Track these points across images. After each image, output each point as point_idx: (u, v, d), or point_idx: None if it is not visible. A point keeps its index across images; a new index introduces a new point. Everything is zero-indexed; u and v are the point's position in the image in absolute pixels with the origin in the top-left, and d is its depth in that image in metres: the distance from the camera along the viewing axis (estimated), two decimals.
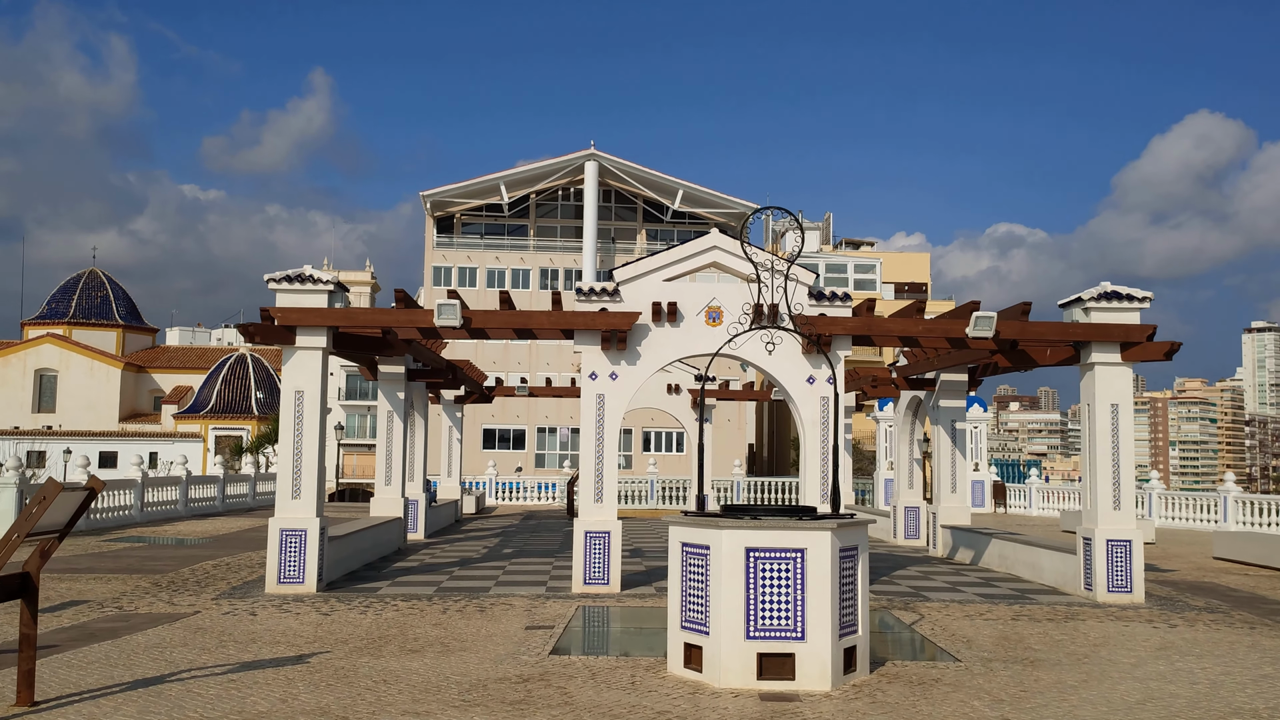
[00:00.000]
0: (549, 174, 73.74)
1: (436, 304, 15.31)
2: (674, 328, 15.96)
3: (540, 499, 42.20)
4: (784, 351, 15.90)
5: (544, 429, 72.36)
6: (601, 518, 15.70)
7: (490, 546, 23.16)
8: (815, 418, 15.86)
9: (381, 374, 22.47)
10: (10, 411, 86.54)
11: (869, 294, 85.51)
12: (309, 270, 15.57)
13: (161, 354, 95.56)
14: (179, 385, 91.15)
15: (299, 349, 15.56)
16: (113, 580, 16.33)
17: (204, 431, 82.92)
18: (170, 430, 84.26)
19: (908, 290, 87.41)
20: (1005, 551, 19.31)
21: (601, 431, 15.78)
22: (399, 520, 22.04)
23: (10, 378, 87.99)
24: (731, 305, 15.97)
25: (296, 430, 15.50)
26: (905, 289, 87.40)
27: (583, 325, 15.61)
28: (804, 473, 15.96)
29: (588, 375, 15.89)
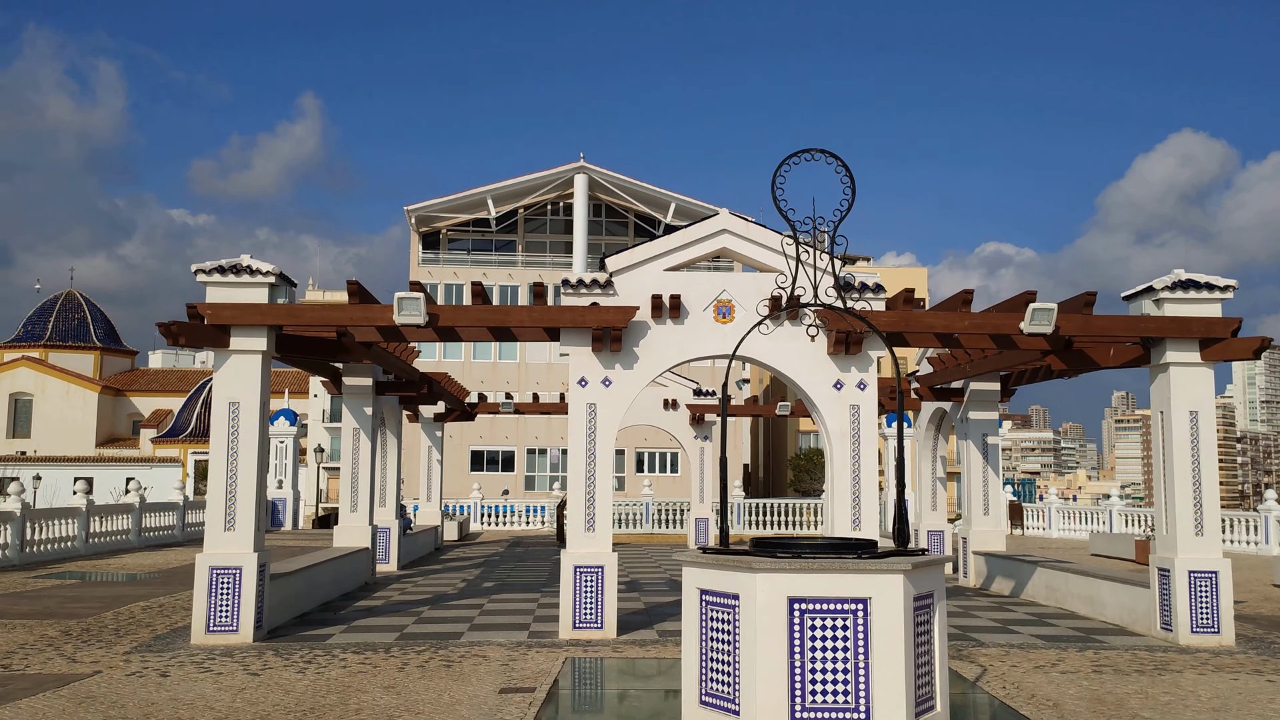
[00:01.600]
0: (538, 187, 71.55)
1: (397, 297, 12.93)
2: (677, 325, 13.60)
3: (529, 524, 39.70)
4: (806, 352, 13.55)
5: (534, 450, 69.88)
6: (594, 549, 13.28)
7: (469, 579, 20.69)
8: (844, 429, 13.48)
9: (346, 387, 20.05)
10: None
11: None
12: (246, 260, 13.18)
13: (140, 377, 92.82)
14: (158, 409, 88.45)
15: (234, 353, 13.15)
16: (17, 628, 13.83)
17: (183, 456, 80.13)
18: (148, 455, 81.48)
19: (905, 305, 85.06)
20: (1054, 582, 16.91)
21: (593, 448, 13.38)
22: (365, 551, 19.56)
23: None
24: (745, 298, 13.62)
25: (230, 449, 13.06)
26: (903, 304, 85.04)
27: (570, 322, 13.24)
28: (831, 495, 13.58)
29: (576, 382, 13.50)
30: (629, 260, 13.57)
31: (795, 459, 75.25)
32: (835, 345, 13.28)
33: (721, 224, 13.65)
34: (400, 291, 12.90)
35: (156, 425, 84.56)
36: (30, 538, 23.38)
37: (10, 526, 22.57)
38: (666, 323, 13.57)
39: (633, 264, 13.59)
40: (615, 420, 13.46)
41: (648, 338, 13.55)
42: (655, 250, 13.61)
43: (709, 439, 31.48)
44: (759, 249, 13.65)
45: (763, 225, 13.63)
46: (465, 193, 70.81)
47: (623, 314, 13.13)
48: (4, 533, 22.43)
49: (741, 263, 14.04)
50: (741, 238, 13.65)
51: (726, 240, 13.66)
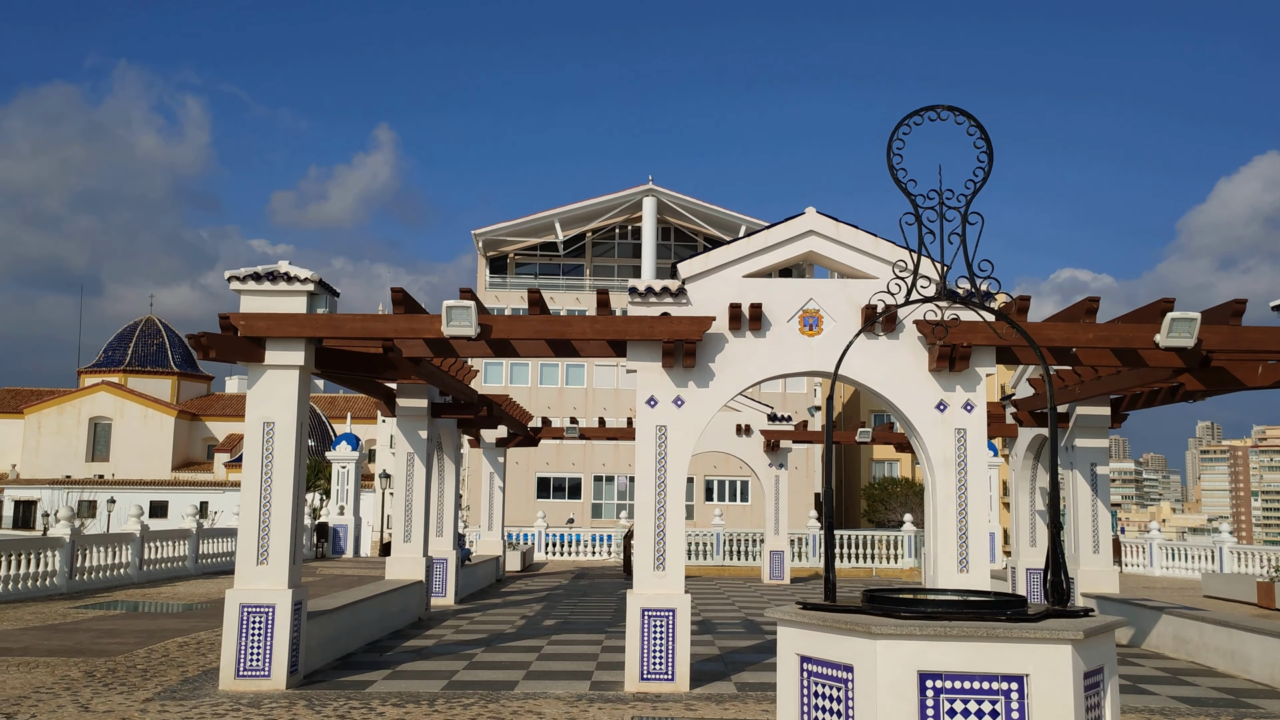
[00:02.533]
0: (605, 210, 70.63)
1: (445, 306, 11.64)
2: (758, 338, 12.10)
3: (594, 553, 38.26)
4: (904, 369, 11.95)
5: (601, 477, 68.57)
6: (664, 590, 11.78)
7: (529, 616, 19.29)
8: (948, 456, 11.83)
9: (400, 409, 18.86)
10: (65, 460, 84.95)
11: None
12: (283, 266, 12.03)
13: (215, 401, 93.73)
14: (233, 433, 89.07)
15: (269, 368, 11.97)
16: (39, 668, 12.74)
17: None
18: (221, 479, 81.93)
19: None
20: (1184, 632, 14.95)
21: (663, 475, 11.91)
22: (418, 585, 18.27)
23: (66, 426, 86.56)
24: (834, 307, 12.08)
25: (264, 474, 11.85)
26: None
27: (637, 334, 11.82)
28: (933, 532, 11.91)
29: (644, 401, 12.07)
30: (703, 266, 12.13)
31: (868, 488, 72.87)
32: (939, 361, 11.66)
33: (808, 224, 12.15)
34: (450, 300, 11.62)
35: (230, 449, 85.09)
36: (80, 565, 22.57)
37: (59, 553, 21.77)
38: (746, 335, 12.08)
39: (707, 270, 12.15)
40: (688, 444, 11.98)
41: (724, 352, 12.08)
42: (733, 254, 12.16)
43: (784, 467, 29.79)
44: (850, 252, 12.12)
45: (854, 226, 12.11)
46: (532, 216, 70.18)
47: (697, 325, 11.68)
48: (51, 560, 21.63)
49: (829, 269, 12.52)
50: (831, 240, 12.13)
51: (813, 243, 12.16)
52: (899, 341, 12.01)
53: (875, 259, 12.09)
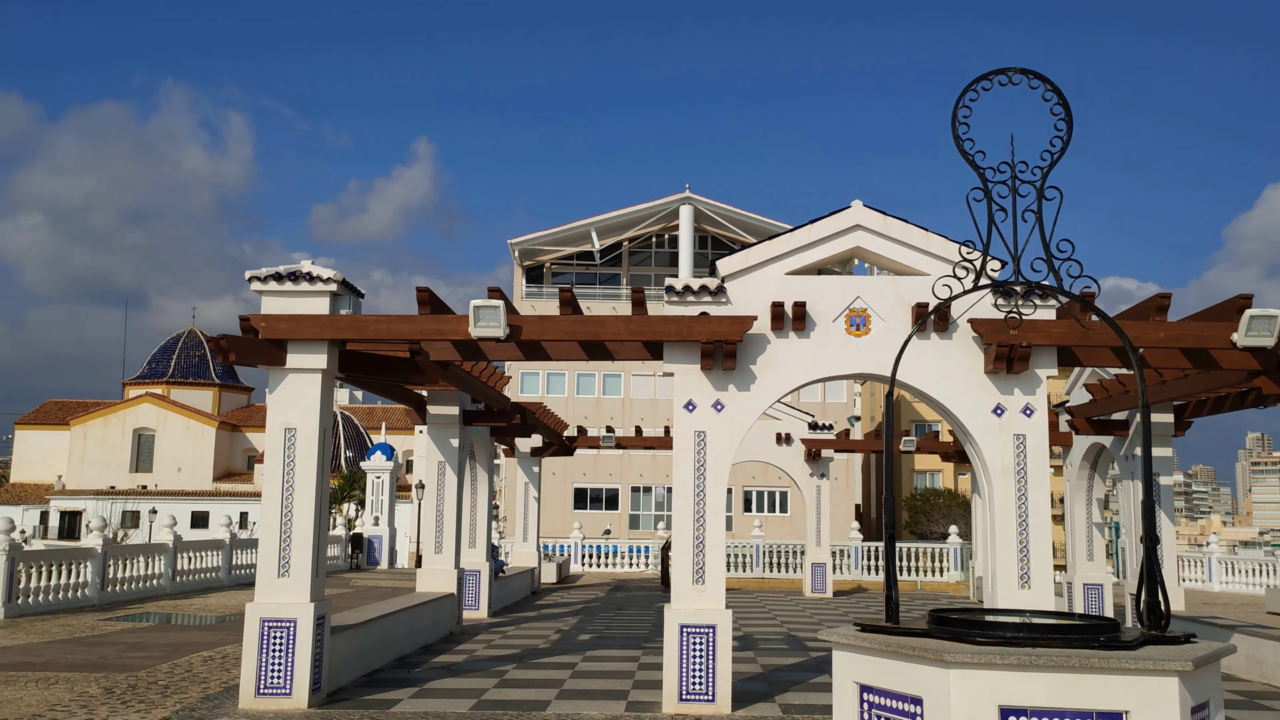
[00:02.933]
0: (642, 219, 70.11)
1: (473, 306, 11.10)
2: (801, 338, 11.44)
3: (631, 565, 37.60)
4: (958, 371, 11.24)
5: (638, 488, 67.92)
6: (703, 605, 11.13)
7: (564, 630, 18.69)
8: (1007, 464, 11.09)
9: (431, 416, 18.37)
10: (109, 471, 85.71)
11: None
12: (305, 265, 11.55)
13: (256, 413, 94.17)
14: None
15: (290, 371, 11.49)
16: (59, 683, 12.32)
17: None
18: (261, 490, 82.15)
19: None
20: (1259, 652, 14.05)
21: (702, 484, 11.28)
22: (449, 598, 17.73)
23: (110, 437, 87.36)
24: (882, 305, 11.40)
25: (285, 483, 11.36)
26: None
27: (675, 335, 11.20)
28: (989, 546, 11.17)
29: (682, 406, 11.45)
30: (744, 262, 11.50)
31: (910, 499, 71.61)
32: (995, 362, 10.93)
33: (855, 218, 11.48)
34: (477, 299, 11.07)
35: None
36: (112, 576, 22.28)
37: (90, 564, 21.49)
38: (789, 336, 11.43)
39: (748, 267, 11.52)
40: (728, 451, 11.34)
41: (766, 354, 11.43)
42: (775, 250, 11.51)
43: (826, 476, 29.00)
44: (899, 248, 11.44)
45: (903, 220, 11.43)
46: (569, 225, 69.83)
47: (737, 325, 11.05)
48: (83, 571, 21.35)
49: (876, 265, 11.84)
50: (879, 235, 11.46)
51: (860, 238, 11.49)
52: (952, 342, 11.30)
53: (926, 255, 11.40)
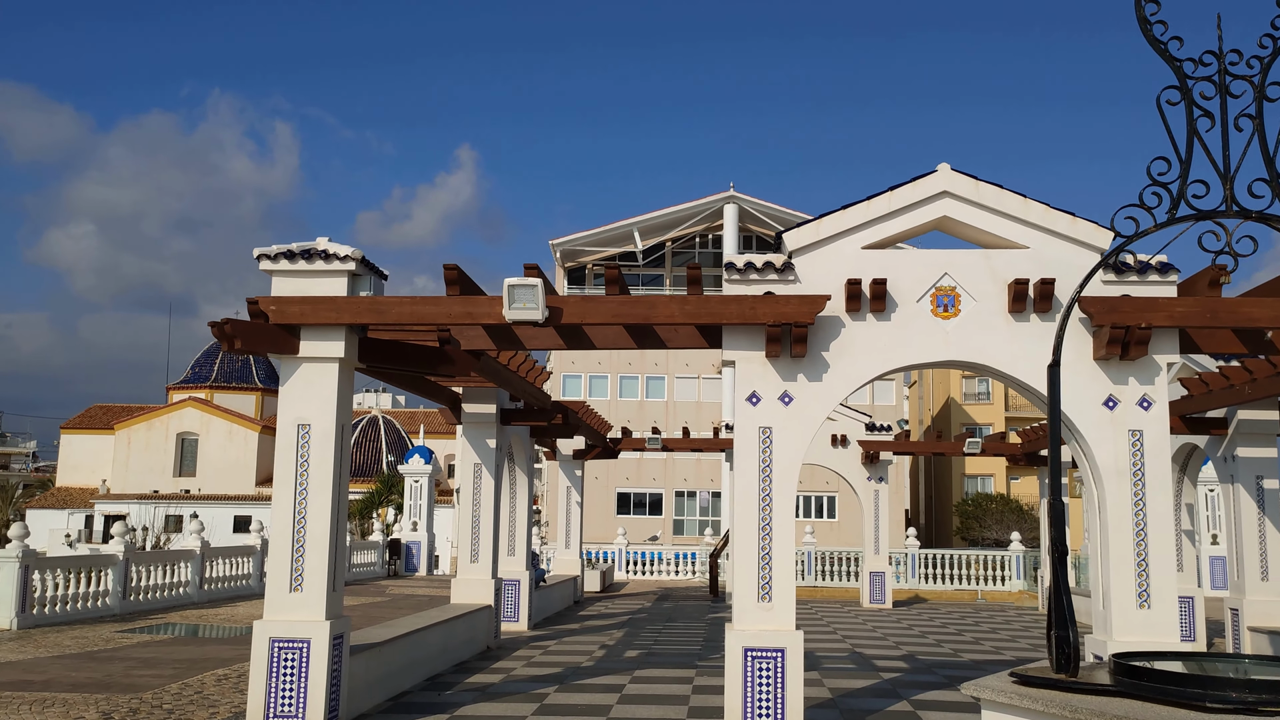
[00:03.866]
0: (685, 219, 68.72)
1: (507, 285, 9.82)
2: (881, 321, 10.03)
3: (678, 572, 36.21)
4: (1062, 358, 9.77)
5: (682, 493, 66.54)
6: (770, 625, 9.75)
7: (609, 645, 17.35)
8: (1121, 464, 9.60)
9: (466, 415, 17.15)
10: (153, 475, 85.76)
11: None
12: (321, 243, 10.34)
13: None
14: None
15: (304, 360, 10.28)
16: (53, 706, 11.18)
17: None
18: None
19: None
20: None
21: (768, 487, 9.90)
22: (486, 610, 16.48)
23: (154, 441, 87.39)
24: (974, 283, 9.97)
25: (299, 485, 10.14)
26: None
27: (736, 317, 9.84)
28: (1101, 559, 9.69)
29: (745, 399, 10.08)
30: (814, 235, 10.11)
31: (961, 504, 69.52)
32: (1109, 347, 9.44)
33: (942, 183, 10.05)
34: (512, 277, 9.79)
35: None
36: (135, 584, 21.30)
37: (111, 572, 20.51)
38: (866, 318, 10.03)
39: (819, 240, 10.13)
40: (798, 449, 9.96)
41: (840, 339, 10.03)
42: (849, 221, 10.12)
43: (884, 480, 27.46)
44: (993, 218, 10.00)
45: (997, 185, 9.98)
46: (611, 225, 68.63)
47: (809, 305, 9.67)
48: (104, 579, 20.38)
49: (966, 239, 10.40)
50: (969, 203, 10.03)
51: (947, 207, 10.06)
52: (1055, 325, 9.83)
53: (1025, 225, 9.95)
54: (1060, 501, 5.74)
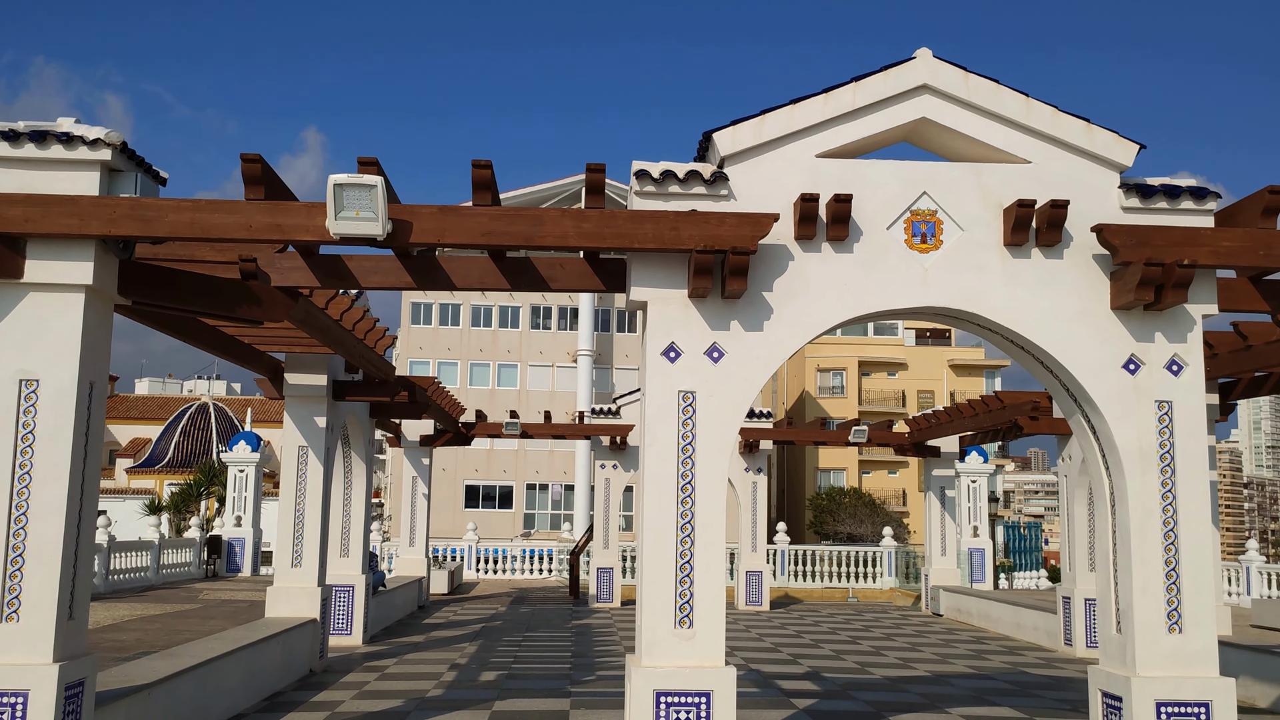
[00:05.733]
0: (549, 198, 65.67)
1: (332, 183, 6.91)
2: (841, 253, 7.57)
3: (532, 571, 33.37)
4: (1069, 306, 7.54)
5: (534, 485, 63.75)
6: (692, 661, 7.17)
7: (460, 664, 14.49)
8: (1146, 445, 7.43)
9: (290, 386, 14.02)
10: None
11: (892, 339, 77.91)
12: (64, 124, 7.21)
13: (119, 404, 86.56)
14: (136, 437, 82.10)
15: (31, 288, 7.13)
16: None
17: (159, 487, 73.71)
18: (123, 486, 75.00)
19: (930, 337, 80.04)
20: None
21: (690, 471, 7.33)
22: (310, 625, 13.39)
23: None
24: (960, 205, 7.63)
25: (17, 469, 6.99)
26: (928, 335, 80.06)
27: (652, 241, 7.21)
28: (1119, 565, 7.51)
29: (659, 353, 7.46)
30: (755, 136, 7.57)
31: (815, 498, 68.97)
32: (1137, 290, 7.21)
33: (922, 75, 7.65)
34: (341, 174, 6.89)
35: (134, 455, 78.32)
36: None
37: None
38: (822, 249, 7.55)
39: (762, 143, 7.59)
40: (731, 422, 7.41)
41: (789, 276, 7.53)
42: (802, 120, 7.61)
43: (763, 471, 25.39)
44: (986, 122, 7.68)
45: (993, 80, 7.66)
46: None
47: (751, 227, 7.12)
48: None
49: (950, 152, 8.05)
50: (956, 102, 7.67)
51: (928, 107, 7.67)
52: (1063, 263, 7.58)
53: (1025, 133, 7.67)
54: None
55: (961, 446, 24.43)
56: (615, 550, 24.48)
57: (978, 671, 14.64)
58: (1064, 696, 12.59)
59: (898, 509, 69.85)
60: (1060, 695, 12.69)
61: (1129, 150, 7.56)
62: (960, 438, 23.78)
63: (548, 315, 65.10)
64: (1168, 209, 7.54)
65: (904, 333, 78.19)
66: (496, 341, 64.82)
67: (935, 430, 22.04)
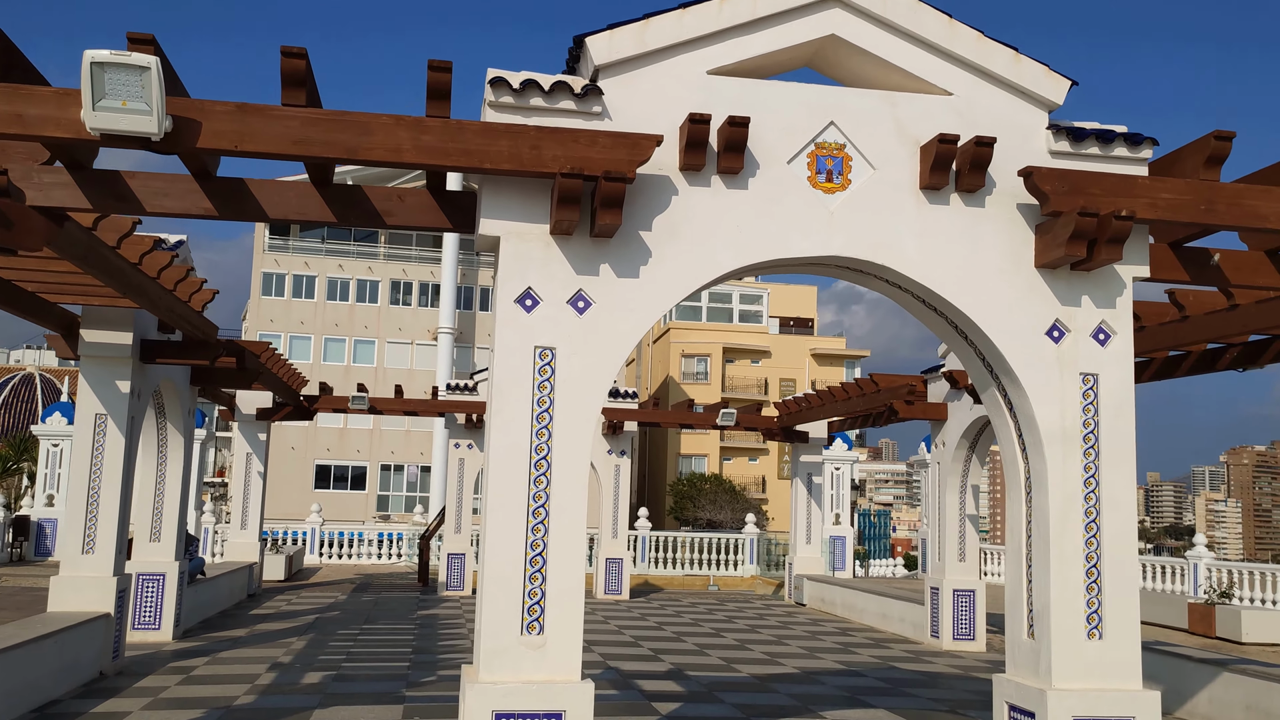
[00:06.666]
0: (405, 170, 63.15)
1: (88, 61, 5.31)
2: (734, 188, 6.39)
3: (384, 555, 31.51)
4: (989, 262, 6.57)
5: (389, 466, 61.44)
6: (541, 675, 5.89)
7: (283, 664, 12.85)
8: (1068, 424, 6.51)
9: (86, 345, 12.09)
10: None
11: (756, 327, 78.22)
12: None
13: None
14: None
15: None
16: None
17: None
18: None
19: (793, 325, 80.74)
20: (1271, 703, 10.27)
21: (548, 444, 6.04)
22: (103, 620, 11.54)
23: None
24: (872, 140, 6.54)
25: None
26: (791, 324, 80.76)
27: (508, 161, 5.87)
28: (1033, 568, 6.58)
29: (513, 300, 6.14)
30: (637, 45, 6.30)
31: (675, 484, 68.64)
32: (1068, 244, 6.26)
33: None
34: (99, 50, 5.32)
35: None
36: None
37: None
38: (712, 182, 6.36)
39: (645, 53, 6.34)
40: (598, 384, 6.16)
41: (672, 213, 6.31)
42: (692, 29, 6.38)
43: (626, 454, 24.30)
44: (904, 45, 6.61)
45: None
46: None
47: (630, 149, 5.87)
48: None
49: (857, 82, 6.94)
50: (871, 19, 6.56)
51: (839, 21, 6.55)
52: (984, 213, 6.59)
53: (947, 59, 6.64)
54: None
55: (829, 432, 23.87)
56: (468, 535, 23.03)
57: (847, 667, 13.84)
58: (939, 696, 11.85)
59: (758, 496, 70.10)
60: (935, 694, 11.94)
61: (1060, 86, 6.61)
62: (829, 423, 23.20)
63: (408, 291, 62.75)
64: (1100, 155, 6.62)
65: (768, 320, 78.59)
66: (354, 316, 62.20)
67: (805, 414, 21.32)
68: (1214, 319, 10.07)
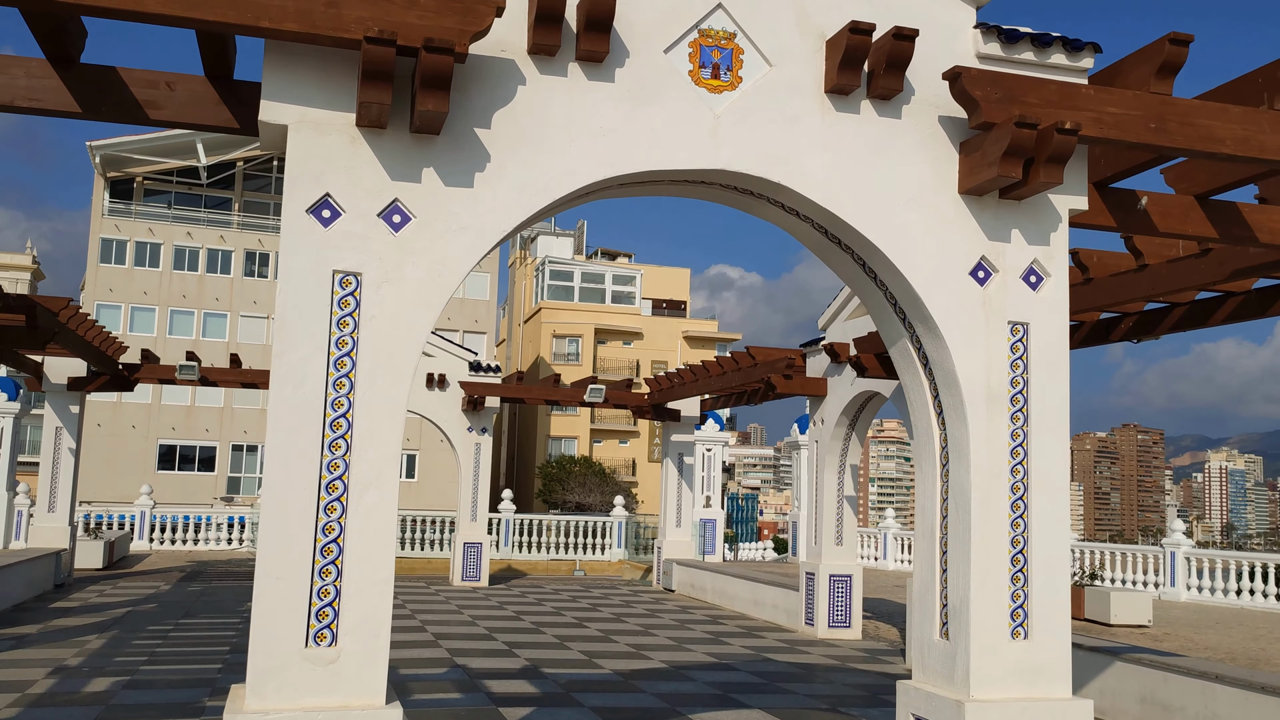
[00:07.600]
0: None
1: None
2: (598, 80, 5.06)
3: (228, 541, 29.18)
4: (906, 184, 5.42)
5: (241, 447, 58.23)
6: (335, 700, 4.47)
7: (69, 668, 11.00)
8: (996, 383, 5.43)
9: None
10: None
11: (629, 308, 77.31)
12: None
13: None
14: None
15: None
16: None
17: None
18: None
19: (666, 308, 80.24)
20: (1164, 694, 9.57)
21: (345, 397, 4.62)
22: None
23: None
24: (768, 32, 5.30)
25: None
26: (664, 306, 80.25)
27: (296, 21, 4.40)
28: (949, 555, 5.49)
29: (304, 210, 4.67)
30: None
31: (544, 466, 67.25)
32: (1002, 163, 5.15)
33: None
34: None
35: None
36: None
37: None
38: (569, 71, 5.02)
39: None
40: (419, 322, 4.76)
41: (517, 108, 4.94)
42: None
43: (488, 432, 22.79)
44: None
45: None
46: (169, 132, 57.86)
47: (459, 15, 4.48)
48: None
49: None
50: None
51: None
52: (900, 125, 5.43)
53: None
54: None
55: (702, 411, 22.88)
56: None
57: (719, 660, 12.77)
58: (817, 691, 10.86)
59: (627, 479, 69.35)
60: (813, 690, 10.95)
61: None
62: (701, 401, 22.21)
63: (264, 262, 59.40)
64: (1035, 62, 5.54)
65: (641, 302, 77.82)
66: (203, 287, 58.64)
67: (678, 390, 20.24)
68: (1119, 281, 9.25)
